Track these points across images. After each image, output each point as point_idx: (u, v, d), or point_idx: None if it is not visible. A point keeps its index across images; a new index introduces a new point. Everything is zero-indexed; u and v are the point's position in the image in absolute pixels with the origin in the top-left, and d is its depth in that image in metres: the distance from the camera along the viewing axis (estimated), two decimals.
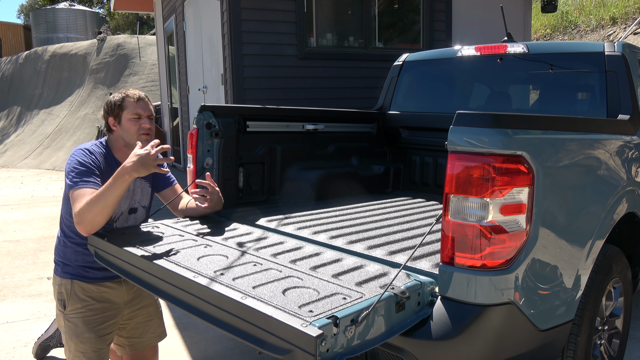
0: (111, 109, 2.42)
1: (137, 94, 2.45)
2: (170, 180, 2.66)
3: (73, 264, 2.38)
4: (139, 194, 2.52)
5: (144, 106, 2.43)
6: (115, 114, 2.41)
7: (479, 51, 3.66)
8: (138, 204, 2.52)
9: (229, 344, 3.35)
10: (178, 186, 2.70)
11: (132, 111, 2.39)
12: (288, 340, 1.47)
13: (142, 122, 2.40)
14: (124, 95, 2.43)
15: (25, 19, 32.41)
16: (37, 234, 6.39)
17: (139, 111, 2.40)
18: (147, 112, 2.43)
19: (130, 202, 2.48)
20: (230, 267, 1.94)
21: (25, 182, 11.18)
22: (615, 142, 2.49)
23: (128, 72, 16.31)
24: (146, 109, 2.43)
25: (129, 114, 2.39)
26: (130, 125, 2.39)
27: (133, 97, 2.42)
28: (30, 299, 4.21)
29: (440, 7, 7.03)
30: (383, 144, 4.03)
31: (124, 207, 2.46)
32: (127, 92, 2.44)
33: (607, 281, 2.35)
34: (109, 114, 2.43)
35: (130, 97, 2.42)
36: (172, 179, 2.68)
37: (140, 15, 24.22)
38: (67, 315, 2.36)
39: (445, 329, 1.74)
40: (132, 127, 2.39)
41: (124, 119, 2.40)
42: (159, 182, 2.62)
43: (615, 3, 12.64)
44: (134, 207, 2.50)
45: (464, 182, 1.77)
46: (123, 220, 2.47)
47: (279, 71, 6.13)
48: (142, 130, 2.40)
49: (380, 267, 1.95)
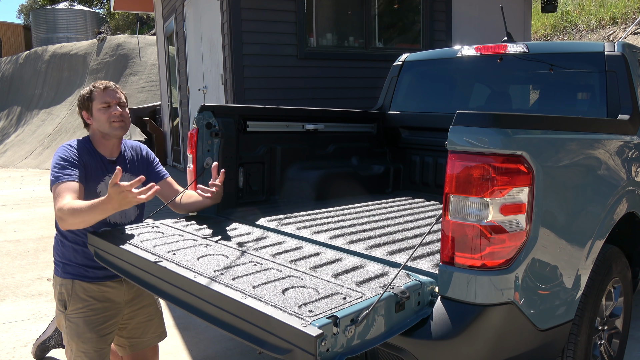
0: (82, 103, 2.44)
1: (104, 83, 2.45)
2: (161, 174, 2.64)
3: (73, 263, 2.37)
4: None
5: (112, 94, 2.43)
6: (87, 106, 2.43)
7: (479, 51, 3.66)
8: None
9: (229, 344, 3.35)
10: (171, 180, 2.67)
11: (101, 100, 2.40)
12: (288, 340, 1.47)
13: (111, 110, 2.40)
14: (91, 87, 2.45)
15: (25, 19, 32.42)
16: (37, 234, 6.39)
17: (107, 99, 2.40)
18: (115, 99, 2.42)
19: None
20: (230, 267, 1.94)
21: (25, 182, 11.18)
22: (615, 142, 2.49)
23: (128, 72, 16.31)
24: (114, 96, 2.43)
25: (98, 104, 2.40)
26: (101, 114, 2.39)
27: (99, 86, 2.43)
28: (30, 299, 4.21)
29: (440, 7, 7.03)
30: (383, 144, 4.03)
31: None
32: (94, 84, 2.46)
33: (607, 281, 2.35)
34: (81, 108, 2.46)
35: (97, 88, 2.43)
36: (164, 172, 2.66)
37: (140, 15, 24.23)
38: (68, 315, 2.36)
39: (445, 328, 1.74)
40: (102, 116, 2.39)
41: (95, 109, 2.41)
42: (151, 178, 2.59)
43: (615, 3, 12.64)
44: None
45: (464, 182, 1.77)
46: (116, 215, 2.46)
47: (279, 71, 6.13)
48: (113, 118, 2.39)
49: (380, 267, 1.95)
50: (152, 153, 2.67)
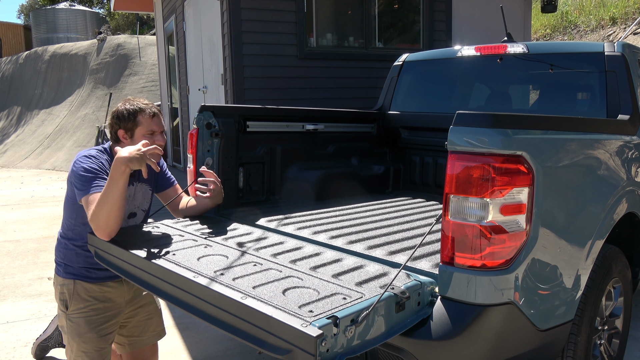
0: (123, 122, 2.33)
1: (152, 109, 2.37)
2: (171, 180, 2.66)
3: (75, 265, 2.38)
4: (140, 198, 2.51)
5: (159, 122, 2.38)
6: (128, 127, 2.33)
7: (479, 51, 3.66)
8: (138, 208, 2.51)
9: (229, 344, 3.35)
10: (178, 186, 2.70)
11: (147, 128, 2.33)
12: (288, 340, 1.47)
13: (155, 139, 2.35)
14: (137, 109, 2.33)
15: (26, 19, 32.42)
16: (37, 234, 6.39)
17: (154, 128, 2.35)
18: (161, 128, 2.38)
19: (131, 206, 2.47)
20: (230, 267, 1.94)
21: (25, 182, 11.18)
22: (615, 142, 2.49)
23: (128, 72, 16.31)
24: (160, 125, 2.39)
25: (143, 130, 2.33)
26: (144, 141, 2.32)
27: (149, 113, 2.34)
28: (30, 299, 4.21)
29: (440, 7, 7.03)
30: (383, 144, 4.03)
31: (125, 214, 2.45)
32: (139, 105, 2.35)
33: (607, 281, 2.35)
34: (119, 126, 2.35)
35: (145, 113, 2.34)
36: (173, 179, 2.68)
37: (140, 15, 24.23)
38: (70, 315, 2.36)
39: (445, 329, 1.74)
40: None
41: (138, 134, 2.33)
42: (160, 182, 2.62)
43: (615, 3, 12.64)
44: (134, 211, 2.50)
45: (464, 182, 1.77)
46: (123, 224, 2.46)
47: (279, 71, 6.13)
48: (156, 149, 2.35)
49: (380, 267, 1.95)
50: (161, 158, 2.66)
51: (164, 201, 2.66)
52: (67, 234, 2.40)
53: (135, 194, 2.48)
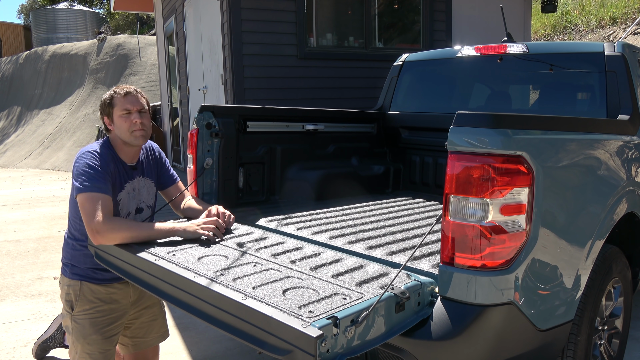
0: (103, 109, 2.38)
1: (125, 88, 2.36)
2: (173, 177, 2.65)
3: (82, 266, 2.37)
4: (145, 193, 2.51)
5: (133, 100, 2.34)
6: (108, 112, 2.35)
7: (478, 51, 3.66)
8: (144, 204, 2.51)
9: (229, 344, 3.35)
10: (181, 184, 2.69)
11: (121, 107, 2.32)
12: (288, 341, 1.47)
13: (132, 118, 2.32)
14: (112, 92, 2.37)
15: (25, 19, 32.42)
16: (37, 234, 6.39)
17: (127, 106, 2.32)
18: (136, 105, 2.34)
19: (136, 201, 2.47)
20: (231, 268, 1.94)
21: (25, 182, 11.18)
22: (615, 142, 2.49)
23: (128, 72, 16.31)
24: (135, 102, 2.34)
25: (119, 111, 2.32)
26: (122, 122, 2.32)
27: (120, 92, 2.34)
28: (30, 299, 4.21)
29: (440, 7, 7.03)
30: (383, 144, 4.03)
31: (132, 208, 2.45)
32: (115, 89, 2.37)
33: (607, 281, 2.35)
34: (102, 114, 2.39)
35: (117, 93, 2.34)
36: (175, 176, 2.67)
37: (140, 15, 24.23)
38: (75, 316, 2.35)
39: (445, 329, 1.74)
40: (123, 124, 2.32)
41: (115, 116, 2.33)
42: (163, 179, 2.62)
43: (615, 3, 12.64)
44: (140, 206, 2.50)
45: (464, 183, 1.77)
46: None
47: (279, 71, 6.13)
48: (134, 127, 2.32)
49: (380, 268, 1.95)
50: (163, 154, 2.66)
51: (167, 198, 2.66)
52: (73, 234, 2.39)
53: (140, 188, 2.47)
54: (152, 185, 2.54)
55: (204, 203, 2.70)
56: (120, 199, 2.38)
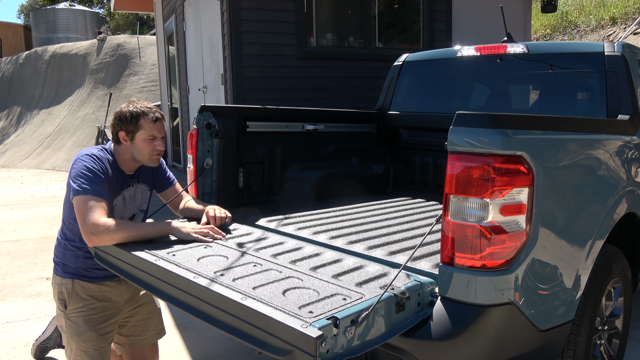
0: (125, 124, 2.31)
1: (155, 114, 2.34)
2: (170, 180, 2.66)
3: (73, 265, 2.38)
4: (139, 198, 2.52)
5: (160, 127, 2.35)
6: (129, 130, 2.31)
7: (478, 51, 3.66)
8: (137, 209, 2.52)
9: (229, 344, 3.35)
10: (178, 185, 2.70)
11: (148, 132, 2.31)
12: (288, 341, 1.47)
13: (156, 144, 2.34)
14: (140, 112, 2.30)
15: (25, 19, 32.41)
16: (37, 234, 6.39)
17: (155, 133, 2.33)
18: (162, 133, 2.36)
19: (132, 208, 2.48)
20: (230, 268, 1.94)
21: (25, 182, 11.18)
22: (615, 142, 2.49)
23: (128, 72, 16.31)
24: (162, 130, 2.36)
25: (144, 134, 2.31)
26: (144, 145, 2.32)
27: (151, 118, 2.31)
28: (30, 299, 4.21)
29: (440, 7, 7.03)
30: (383, 144, 4.03)
31: (126, 214, 2.46)
32: (143, 109, 2.32)
33: (607, 281, 2.35)
34: (121, 127, 2.32)
35: (147, 118, 2.31)
36: (172, 178, 2.68)
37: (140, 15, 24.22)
38: (69, 314, 2.36)
39: (445, 329, 1.74)
40: (145, 147, 2.32)
41: (138, 138, 2.31)
42: (160, 183, 2.62)
43: (615, 3, 12.64)
44: (134, 212, 2.51)
45: (463, 183, 1.77)
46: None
47: (279, 71, 6.13)
48: (155, 152, 2.35)
49: (380, 268, 1.95)
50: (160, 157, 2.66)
51: (165, 200, 2.66)
52: (66, 234, 2.40)
53: (135, 194, 2.48)
54: (146, 189, 2.55)
55: (203, 203, 2.71)
56: (115, 204, 2.39)
